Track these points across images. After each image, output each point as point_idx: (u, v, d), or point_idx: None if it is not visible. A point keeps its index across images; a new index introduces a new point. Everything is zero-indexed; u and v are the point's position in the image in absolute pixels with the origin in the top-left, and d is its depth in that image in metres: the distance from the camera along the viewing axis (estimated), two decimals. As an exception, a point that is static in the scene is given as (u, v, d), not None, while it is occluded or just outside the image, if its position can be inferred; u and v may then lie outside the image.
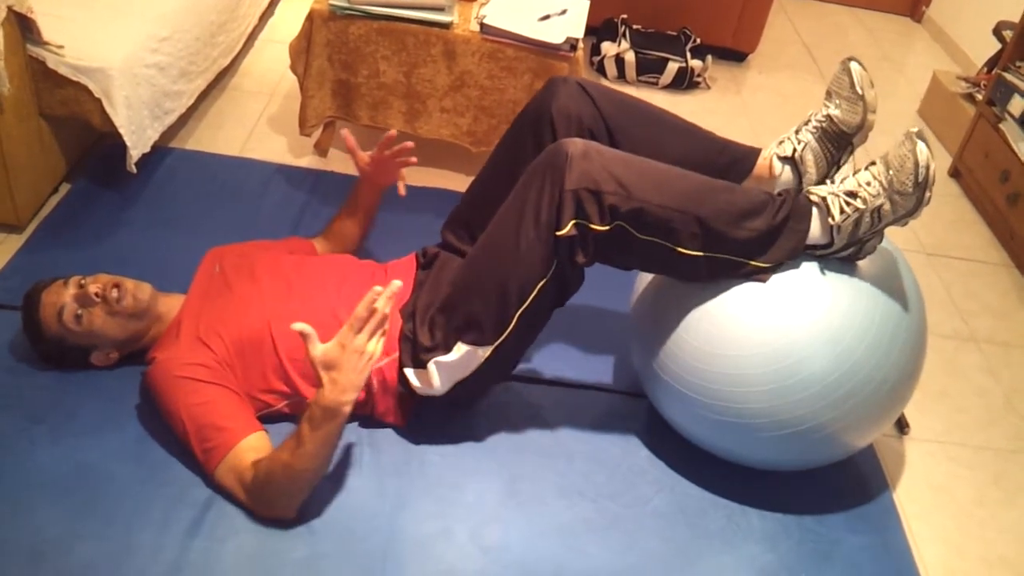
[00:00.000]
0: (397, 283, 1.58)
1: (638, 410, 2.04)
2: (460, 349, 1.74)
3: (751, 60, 4.06)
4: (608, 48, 3.62)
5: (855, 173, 1.70)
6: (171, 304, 1.90)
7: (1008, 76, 3.13)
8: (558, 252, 1.65)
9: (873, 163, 1.69)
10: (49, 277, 1.86)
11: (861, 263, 1.75)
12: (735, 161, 1.91)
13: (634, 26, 3.74)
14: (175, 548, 1.60)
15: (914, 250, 2.92)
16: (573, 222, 1.62)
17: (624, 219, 1.63)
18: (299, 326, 1.52)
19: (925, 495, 2.02)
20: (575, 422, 2.00)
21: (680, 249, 1.67)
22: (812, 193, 1.72)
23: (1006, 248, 3.00)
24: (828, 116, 1.82)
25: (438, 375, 1.77)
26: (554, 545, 1.72)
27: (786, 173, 1.87)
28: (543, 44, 2.50)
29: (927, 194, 1.62)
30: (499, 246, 1.71)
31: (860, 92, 1.76)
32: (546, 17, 2.58)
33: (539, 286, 1.68)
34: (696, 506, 1.85)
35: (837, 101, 1.81)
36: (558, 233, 1.62)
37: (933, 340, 2.51)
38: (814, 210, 1.71)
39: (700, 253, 1.68)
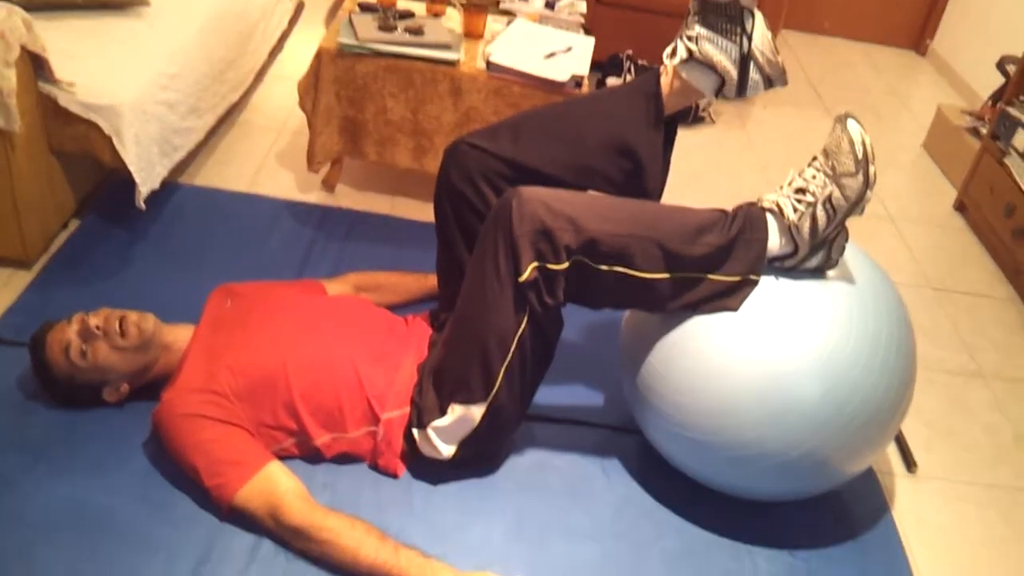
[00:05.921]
0: None
1: (644, 448, 2.03)
2: (454, 411, 1.76)
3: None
4: (613, 83, 3.65)
5: (800, 173, 1.72)
6: (179, 334, 1.90)
7: (1012, 111, 3.15)
8: (526, 299, 1.66)
9: (815, 158, 1.71)
10: (54, 318, 1.87)
11: (844, 288, 1.74)
12: (645, 96, 1.87)
13: (639, 61, 3.76)
14: (179, 588, 1.60)
15: (920, 285, 2.92)
16: (532, 266, 1.63)
17: (580, 253, 1.64)
18: None
19: (933, 535, 2.01)
20: (581, 460, 1.99)
21: (640, 274, 1.67)
22: (764, 201, 1.73)
23: (1012, 283, 3.00)
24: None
25: (439, 440, 1.80)
26: (559, 585, 1.71)
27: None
28: (549, 81, 2.52)
29: (871, 168, 1.63)
30: (470, 306, 1.73)
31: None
32: (552, 55, 2.60)
33: (517, 336, 1.69)
34: (702, 547, 1.84)
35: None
36: (520, 280, 1.64)
37: (940, 376, 2.51)
38: (768, 216, 1.71)
39: (659, 276, 1.68)
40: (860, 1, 4.93)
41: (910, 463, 2.17)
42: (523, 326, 1.68)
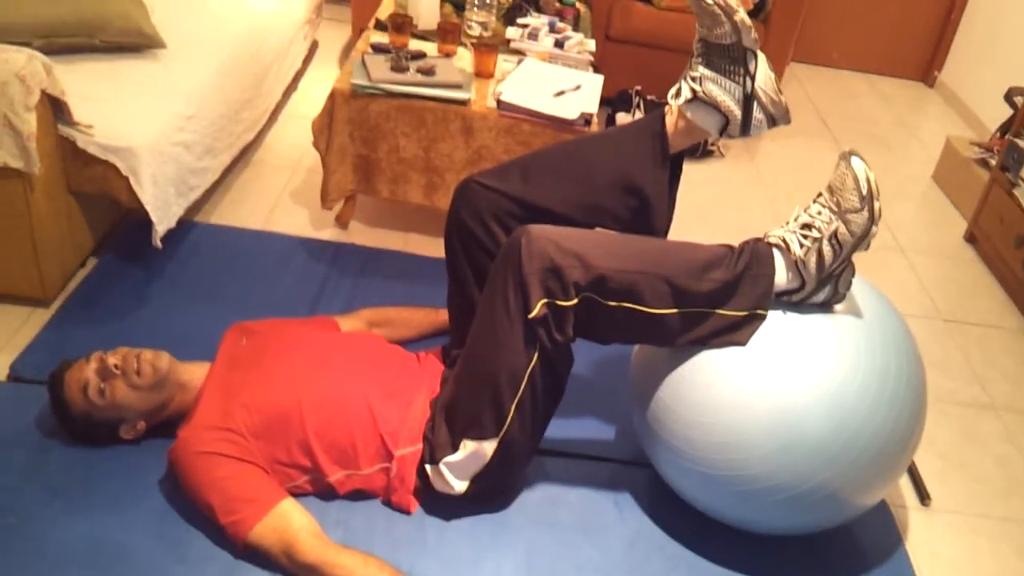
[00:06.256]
0: None
1: (655, 483, 2.04)
2: (466, 447, 1.78)
3: (765, 127, 4.11)
4: (623, 119, 3.69)
5: (805, 209, 1.75)
6: (194, 372, 1.93)
7: (1020, 143, 3.16)
8: (536, 335, 1.68)
9: (820, 194, 1.74)
10: (72, 357, 1.89)
11: (852, 322, 1.75)
12: (651, 135, 1.90)
13: (648, 96, 3.80)
14: (194, 625, 1.61)
15: (931, 316, 2.92)
16: (542, 302, 1.66)
17: (589, 289, 1.67)
18: None
19: (946, 569, 2.00)
20: (592, 495, 2.00)
21: (648, 309, 1.70)
22: (770, 237, 1.76)
23: (1023, 313, 3.01)
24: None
25: (451, 475, 1.81)
26: (571, 621, 1.71)
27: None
28: (558, 119, 2.56)
29: (876, 204, 1.66)
30: (481, 343, 1.76)
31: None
32: (561, 93, 2.64)
33: (527, 372, 1.71)
34: (714, 581, 1.85)
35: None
36: (530, 316, 1.66)
37: (952, 408, 2.50)
38: (775, 252, 1.74)
39: (667, 311, 1.71)
40: (868, 33, 4.97)
41: (924, 495, 2.17)
42: (533, 362, 1.70)
